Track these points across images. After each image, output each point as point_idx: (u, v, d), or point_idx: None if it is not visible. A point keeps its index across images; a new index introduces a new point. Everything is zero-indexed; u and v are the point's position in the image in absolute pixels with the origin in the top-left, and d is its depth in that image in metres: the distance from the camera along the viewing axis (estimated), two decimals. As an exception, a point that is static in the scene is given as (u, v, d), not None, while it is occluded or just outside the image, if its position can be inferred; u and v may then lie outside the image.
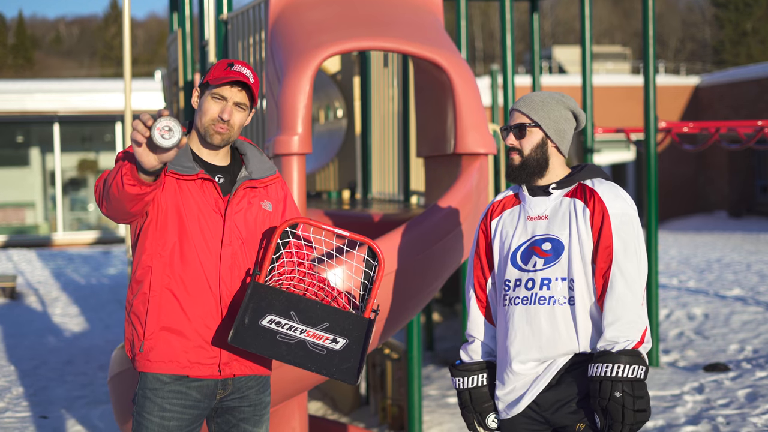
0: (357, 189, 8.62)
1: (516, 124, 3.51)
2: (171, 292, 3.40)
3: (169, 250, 3.41)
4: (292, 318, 3.32)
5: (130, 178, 3.11)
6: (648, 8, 9.23)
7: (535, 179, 3.52)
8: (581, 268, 3.40)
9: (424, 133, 6.18)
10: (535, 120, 3.49)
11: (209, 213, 3.44)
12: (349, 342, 3.35)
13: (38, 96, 23.37)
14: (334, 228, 3.47)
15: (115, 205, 3.26)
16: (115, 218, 3.39)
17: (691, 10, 61.61)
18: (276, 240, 3.39)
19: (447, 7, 11.80)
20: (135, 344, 3.45)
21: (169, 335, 3.40)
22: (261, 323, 3.29)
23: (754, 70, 26.81)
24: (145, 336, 3.40)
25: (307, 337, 3.32)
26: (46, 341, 10.93)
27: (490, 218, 3.64)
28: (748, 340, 9.60)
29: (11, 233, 23.54)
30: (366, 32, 5.47)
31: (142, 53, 57.48)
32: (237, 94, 3.46)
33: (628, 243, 3.38)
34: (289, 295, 3.35)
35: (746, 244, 19.31)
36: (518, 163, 3.51)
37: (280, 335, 3.30)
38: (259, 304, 3.31)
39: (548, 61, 37.92)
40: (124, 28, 7.65)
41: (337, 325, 3.35)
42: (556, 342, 3.41)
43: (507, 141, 3.52)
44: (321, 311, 3.35)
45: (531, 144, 3.50)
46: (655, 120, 9.39)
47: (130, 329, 3.48)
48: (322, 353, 3.33)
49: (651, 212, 9.34)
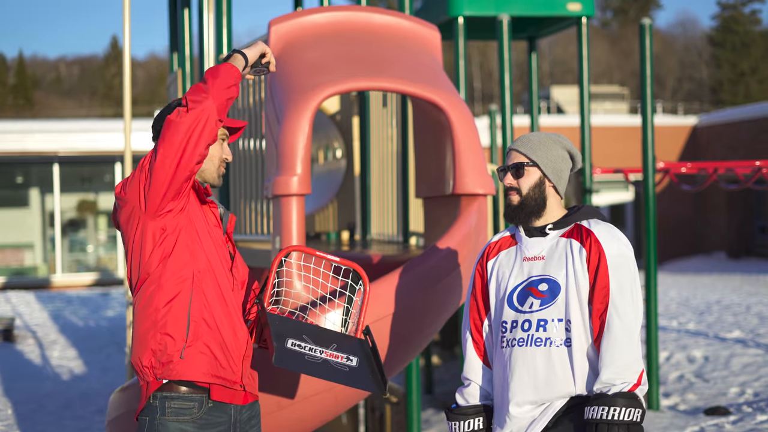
0: (356, 230, 8.60)
1: (514, 163, 3.52)
2: (206, 304, 3.40)
3: (201, 265, 3.42)
4: (307, 341, 3.43)
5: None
6: (645, 48, 9.26)
7: (533, 219, 3.52)
8: (578, 309, 3.39)
9: (422, 173, 6.17)
10: (533, 159, 3.50)
11: (219, 240, 3.51)
12: (360, 359, 3.48)
13: (38, 136, 23.41)
14: (325, 254, 3.60)
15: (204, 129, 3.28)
16: (186, 154, 3.28)
17: (688, 50, 61.98)
18: (275, 268, 3.52)
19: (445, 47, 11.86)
20: (170, 352, 3.36)
21: (205, 347, 3.39)
22: (287, 346, 3.40)
23: (751, 110, 26.89)
24: (188, 342, 3.35)
25: (327, 357, 3.44)
26: (43, 384, 10.86)
27: (486, 259, 3.64)
28: (748, 383, 9.54)
29: (10, 275, 23.48)
30: (365, 72, 5.48)
31: (142, 93, 57.69)
32: (223, 132, 3.60)
33: (625, 284, 3.37)
34: (296, 321, 3.48)
35: (746, 285, 19.26)
36: (517, 203, 3.51)
37: (307, 356, 3.42)
38: (278, 330, 3.41)
39: (546, 101, 38.07)
40: (125, 68, 7.66)
41: (343, 345, 3.49)
42: (552, 384, 3.39)
43: (505, 181, 3.52)
44: (325, 334, 3.50)
45: (529, 183, 3.50)
46: (654, 160, 9.39)
47: (159, 338, 3.37)
48: (346, 370, 3.45)
49: (650, 253, 9.31)
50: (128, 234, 3.42)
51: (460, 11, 10.05)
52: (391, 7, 52.32)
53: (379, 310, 4.72)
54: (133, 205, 3.36)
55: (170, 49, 10.67)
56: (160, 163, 3.26)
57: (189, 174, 3.30)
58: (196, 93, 3.28)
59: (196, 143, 3.25)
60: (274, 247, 5.32)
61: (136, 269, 3.42)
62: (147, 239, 3.38)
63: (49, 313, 16.82)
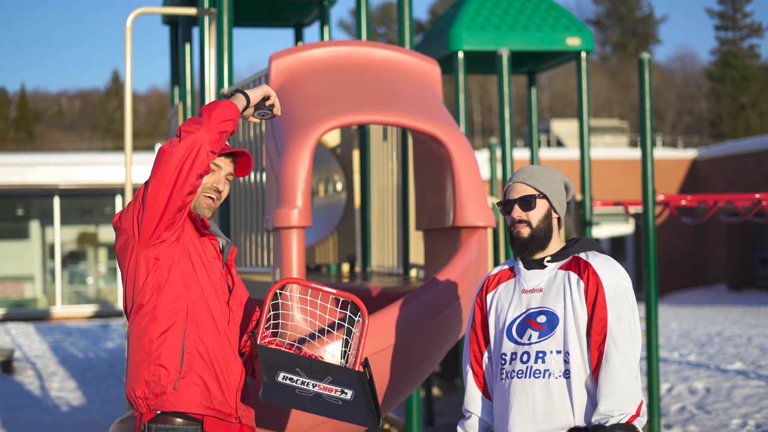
0: (356, 262, 8.61)
1: (524, 196, 3.52)
2: (200, 337, 3.41)
3: (195, 296, 3.42)
4: (299, 374, 3.40)
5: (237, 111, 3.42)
6: (644, 82, 9.31)
7: (537, 253, 3.53)
8: (576, 341, 3.40)
9: (423, 206, 6.20)
10: (542, 191, 3.52)
11: (217, 272, 3.52)
12: (356, 393, 3.45)
13: (39, 169, 23.45)
14: (322, 286, 3.58)
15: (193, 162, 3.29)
16: (175, 186, 3.30)
17: (688, 84, 62.19)
18: (269, 301, 3.50)
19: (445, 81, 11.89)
20: (163, 383, 3.37)
21: (198, 378, 3.39)
22: (278, 380, 3.36)
23: (751, 143, 26.96)
24: (181, 374, 3.36)
25: (320, 390, 3.40)
26: (42, 416, 10.82)
27: (486, 292, 3.66)
28: (750, 415, 9.52)
29: (9, 306, 23.44)
30: (365, 106, 5.51)
31: (143, 126, 57.84)
32: (229, 164, 3.55)
33: (623, 315, 3.38)
34: (289, 354, 3.45)
35: (747, 317, 19.23)
36: (527, 235, 3.51)
37: (298, 390, 3.38)
38: (268, 363, 3.38)
39: (546, 135, 38.17)
40: (126, 102, 7.71)
41: (338, 378, 3.46)
42: (551, 416, 3.39)
43: (513, 214, 3.51)
44: (320, 366, 3.47)
45: (539, 215, 3.52)
46: (653, 193, 9.42)
47: (153, 369, 3.38)
48: (339, 404, 3.41)
49: (651, 285, 9.32)
50: (123, 262, 3.45)
51: (460, 46, 10.12)
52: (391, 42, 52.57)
53: (380, 341, 4.73)
54: (127, 234, 3.39)
55: (171, 83, 10.73)
56: (152, 192, 3.28)
57: (181, 204, 3.32)
58: (190, 125, 3.30)
59: (187, 174, 3.26)
60: (274, 279, 5.34)
61: (130, 297, 3.46)
62: (140, 268, 3.40)
63: (49, 344, 16.79)
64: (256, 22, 10.87)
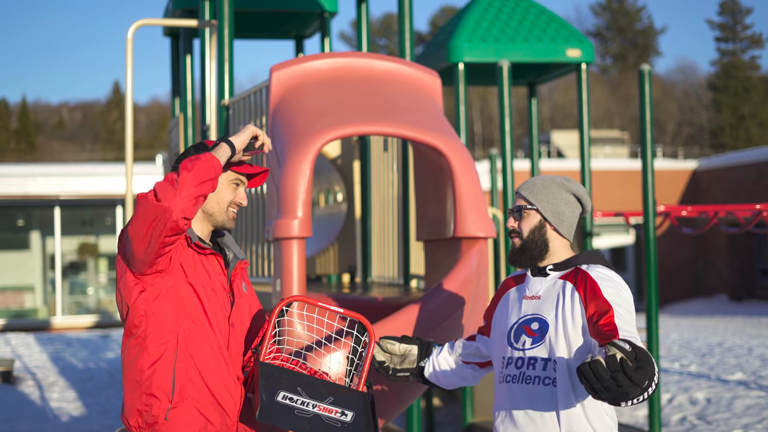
0: (357, 272, 8.62)
1: (515, 206, 3.58)
2: (193, 364, 3.40)
3: (188, 324, 3.41)
4: (300, 394, 3.36)
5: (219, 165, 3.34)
6: (645, 94, 9.33)
7: (537, 262, 3.54)
8: (565, 350, 3.40)
9: (423, 216, 6.20)
10: (532, 202, 3.54)
11: (219, 289, 3.50)
12: (356, 415, 3.41)
13: (40, 180, 23.48)
14: (328, 305, 3.53)
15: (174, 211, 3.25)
16: (152, 242, 3.29)
17: (688, 95, 62.26)
18: (274, 318, 3.45)
19: (446, 92, 11.92)
20: (155, 413, 3.37)
21: (192, 408, 3.38)
22: (277, 399, 3.33)
23: (751, 154, 26.99)
24: (173, 403, 3.36)
25: (320, 411, 3.36)
26: (42, 426, 10.82)
27: (500, 293, 3.73)
28: (751, 425, 9.51)
29: (10, 317, 23.45)
30: (366, 117, 5.52)
31: (144, 138, 57.92)
32: (247, 180, 3.59)
33: (624, 321, 3.30)
34: (292, 372, 3.40)
35: (748, 327, 19.22)
36: (518, 245, 3.56)
37: (297, 410, 3.34)
38: (269, 382, 3.34)
39: (547, 146, 38.20)
40: (127, 113, 7.72)
41: (340, 399, 3.41)
42: (537, 423, 3.41)
43: (508, 224, 3.59)
44: (322, 386, 3.42)
45: (529, 226, 3.54)
46: (654, 204, 9.43)
47: (145, 399, 3.40)
48: (338, 426, 3.37)
49: (651, 296, 9.33)
50: (118, 272, 3.49)
51: (460, 57, 10.14)
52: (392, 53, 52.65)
53: (380, 352, 4.73)
54: (120, 253, 3.44)
55: (172, 94, 10.74)
56: (132, 234, 3.30)
57: (158, 252, 3.32)
58: (164, 189, 3.22)
59: (159, 235, 3.26)
60: (275, 290, 5.34)
61: (122, 305, 3.49)
62: (130, 286, 3.45)
63: (49, 355, 16.78)
64: (257, 34, 10.90)
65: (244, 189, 3.58)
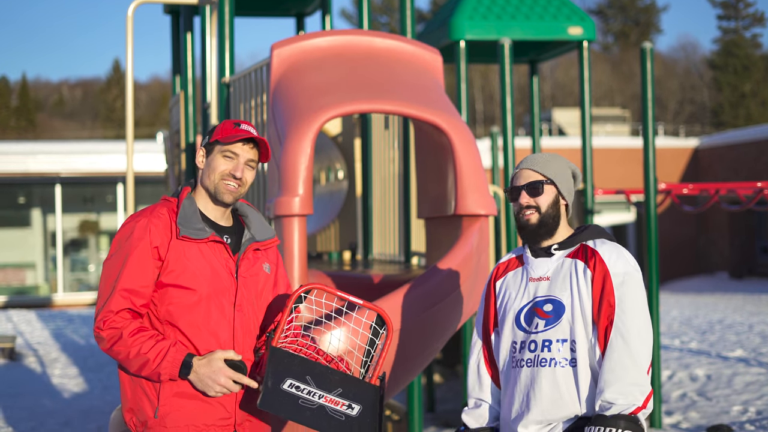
0: (358, 250, 8.63)
1: (531, 182, 3.51)
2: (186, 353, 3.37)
3: (182, 314, 3.39)
4: (308, 383, 3.31)
5: (167, 375, 3.34)
6: (646, 71, 9.31)
7: (546, 239, 3.51)
8: (583, 330, 3.37)
9: (424, 194, 6.21)
10: (550, 177, 3.51)
11: (222, 274, 3.45)
12: (363, 408, 3.35)
13: (40, 157, 23.48)
14: (348, 295, 3.47)
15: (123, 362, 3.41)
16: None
17: (690, 73, 62.10)
18: (291, 304, 3.39)
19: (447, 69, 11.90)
20: (145, 411, 3.39)
21: (185, 400, 3.37)
22: (282, 387, 3.29)
23: (752, 132, 26.96)
24: (160, 402, 3.36)
25: (325, 402, 3.31)
26: (44, 402, 10.86)
27: (495, 279, 3.65)
28: (751, 402, 9.55)
29: (11, 294, 23.50)
30: (367, 95, 5.52)
31: (144, 115, 57.82)
32: (248, 151, 3.49)
33: (630, 303, 3.35)
34: (304, 359, 3.34)
35: (748, 305, 19.26)
36: (536, 221, 3.49)
37: (302, 400, 3.30)
38: (278, 368, 3.30)
39: (548, 123, 38.13)
40: (127, 91, 7.72)
41: (349, 391, 3.35)
42: (558, 405, 3.38)
43: (521, 200, 3.50)
44: (333, 376, 3.35)
45: (547, 201, 3.50)
46: (655, 181, 9.43)
47: (135, 396, 3.42)
48: (342, 419, 3.32)
49: (652, 273, 9.34)
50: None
51: (461, 35, 10.11)
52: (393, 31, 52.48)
53: (381, 329, 4.74)
54: None
55: (173, 72, 10.73)
56: None
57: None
58: (102, 340, 3.42)
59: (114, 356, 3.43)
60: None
61: None
62: None
63: (51, 331, 16.83)
64: (258, 12, 10.87)
65: (245, 162, 3.48)
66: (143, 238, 3.39)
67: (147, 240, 3.38)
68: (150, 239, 3.38)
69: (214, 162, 3.47)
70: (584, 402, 3.37)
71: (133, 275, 3.38)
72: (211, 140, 3.51)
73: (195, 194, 3.54)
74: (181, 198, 3.49)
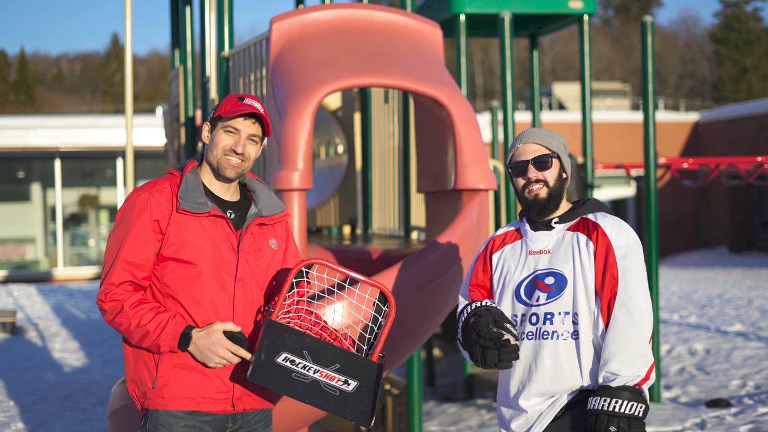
0: (357, 224, 8.64)
1: (539, 156, 3.49)
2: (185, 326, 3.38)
3: (182, 287, 3.40)
4: (305, 357, 3.30)
5: (167, 347, 3.36)
6: (647, 45, 9.29)
7: (548, 213, 3.51)
8: (585, 302, 3.38)
9: (424, 168, 6.20)
10: (555, 151, 3.51)
11: (223, 249, 3.44)
12: (360, 384, 3.33)
13: (40, 132, 23.44)
14: (350, 271, 3.45)
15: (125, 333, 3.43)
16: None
17: (690, 47, 61.93)
18: (291, 279, 3.38)
19: (447, 43, 11.86)
20: (145, 382, 3.41)
21: (183, 372, 3.38)
22: (276, 361, 3.28)
23: (753, 107, 26.90)
24: (158, 374, 3.38)
25: (320, 377, 3.30)
26: (45, 376, 10.90)
27: (491, 252, 3.63)
28: (750, 376, 9.58)
29: (11, 268, 23.52)
30: (367, 69, 5.51)
31: (144, 89, 57.73)
32: (250, 126, 3.48)
33: (633, 275, 3.37)
34: (302, 334, 3.33)
35: (747, 279, 19.29)
36: (546, 195, 3.49)
37: (295, 374, 3.28)
38: (273, 342, 3.29)
39: (548, 98, 38.07)
40: (126, 65, 7.70)
41: (348, 367, 3.33)
42: (559, 378, 3.39)
43: (529, 174, 3.48)
44: (331, 352, 3.33)
45: (554, 175, 3.51)
46: (655, 156, 9.42)
47: (137, 367, 3.44)
48: (336, 394, 3.30)
49: (651, 248, 9.35)
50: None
51: (461, 9, 10.08)
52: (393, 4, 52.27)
53: (381, 304, 4.75)
54: None
55: (172, 45, 10.69)
56: None
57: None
58: (117, 317, 3.41)
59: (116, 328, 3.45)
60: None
61: None
62: None
63: (51, 306, 16.87)
64: (257, -16, 10.81)
65: (247, 137, 3.46)
66: (144, 211, 3.39)
67: (148, 213, 3.39)
68: (151, 212, 3.39)
69: (217, 137, 3.47)
70: (586, 374, 3.38)
71: (134, 248, 3.38)
72: (215, 115, 3.51)
73: (201, 169, 3.54)
74: (184, 172, 3.49)
